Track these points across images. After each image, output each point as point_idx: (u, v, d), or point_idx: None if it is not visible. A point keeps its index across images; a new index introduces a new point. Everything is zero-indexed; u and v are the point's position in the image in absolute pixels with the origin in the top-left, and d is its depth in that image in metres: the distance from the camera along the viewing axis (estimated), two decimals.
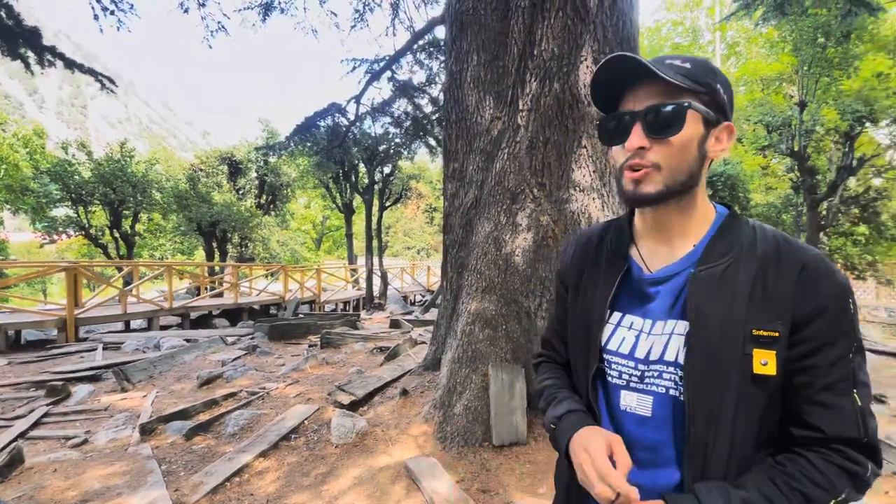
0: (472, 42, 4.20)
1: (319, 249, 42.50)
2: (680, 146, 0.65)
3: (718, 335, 0.64)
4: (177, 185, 12.69)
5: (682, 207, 0.71)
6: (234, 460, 3.01)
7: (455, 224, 4.27)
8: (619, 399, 0.74)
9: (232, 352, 6.00)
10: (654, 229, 0.75)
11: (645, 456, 0.72)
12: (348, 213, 14.68)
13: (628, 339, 0.74)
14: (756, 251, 0.67)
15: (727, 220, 0.72)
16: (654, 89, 0.66)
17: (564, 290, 0.89)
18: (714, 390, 0.64)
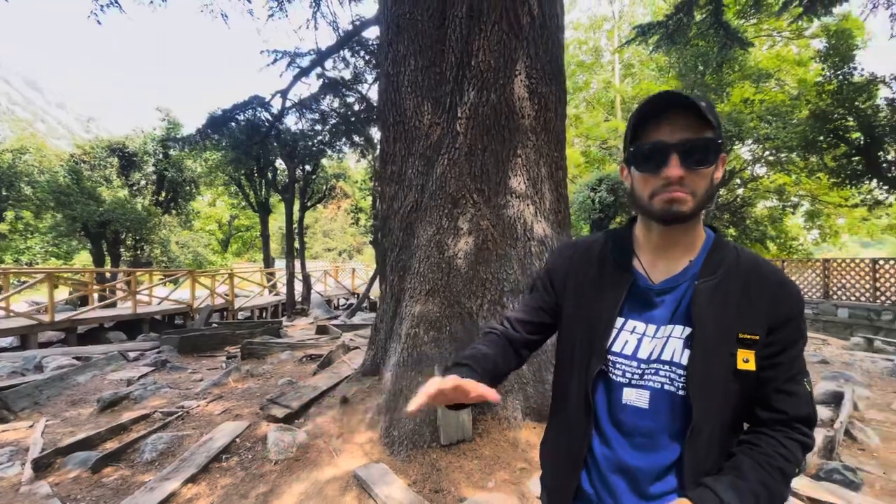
0: (409, 46, 4.21)
1: (227, 252, 39.37)
2: (708, 175, 0.77)
3: (714, 338, 0.77)
4: (55, 179, 10.79)
5: (690, 227, 0.82)
6: (157, 490, 2.72)
7: (395, 227, 4.25)
8: (622, 394, 0.84)
9: (137, 369, 5.36)
10: (659, 245, 0.85)
11: (643, 441, 0.83)
12: (264, 212, 13.76)
13: (631, 341, 0.84)
14: (741, 268, 0.81)
15: (716, 240, 0.85)
16: (685, 123, 0.75)
17: (551, 286, 0.97)
18: (709, 385, 0.77)
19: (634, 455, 0.82)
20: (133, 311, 8.90)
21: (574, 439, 0.89)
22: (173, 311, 9.94)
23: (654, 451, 0.82)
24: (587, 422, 0.87)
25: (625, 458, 0.83)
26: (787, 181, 12.62)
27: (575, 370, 0.90)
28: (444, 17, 4.12)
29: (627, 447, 0.83)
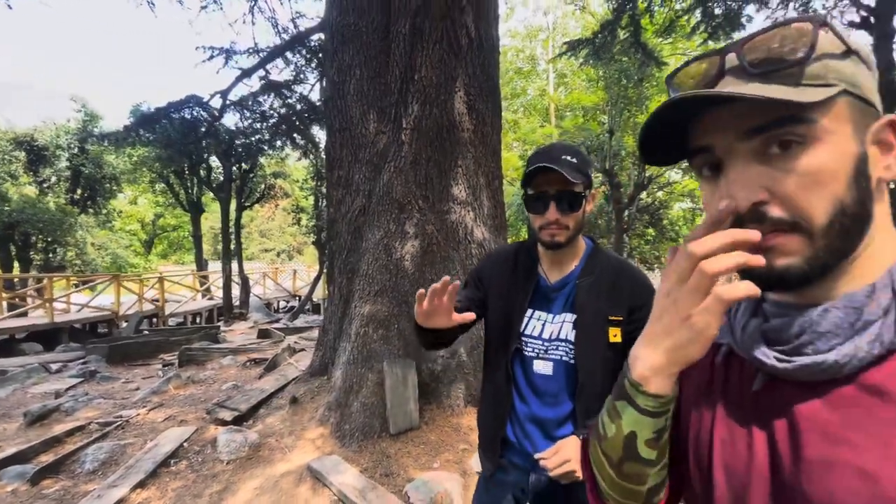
0: (355, 57, 4.39)
1: (150, 253, 36.52)
2: (578, 215, 1.09)
3: (591, 321, 1.09)
4: None
5: (572, 246, 1.14)
6: (104, 497, 2.72)
7: (342, 230, 4.41)
8: (533, 366, 1.16)
9: (62, 381, 5.06)
10: (552, 257, 1.17)
11: (549, 399, 1.15)
12: (195, 212, 13.03)
13: (537, 326, 1.16)
14: (610, 269, 1.14)
15: (593, 249, 1.19)
16: (560, 178, 1.05)
17: (480, 282, 1.27)
18: (590, 354, 1.09)
19: (544, 409, 1.15)
20: (50, 320, 8.16)
21: (499, 400, 1.20)
22: (96, 319, 9.20)
23: (557, 406, 1.14)
24: (508, 386, 1.18)
25: (537, 412, 1.15)
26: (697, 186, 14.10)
27: (499, 349, 1.21)
28: (388, 31, 4.35)
29: (539, 404, 1.15)
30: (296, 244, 31.40)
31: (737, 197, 0.40)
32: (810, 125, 0.38)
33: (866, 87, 0.40)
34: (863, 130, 0.40)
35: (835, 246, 0.39)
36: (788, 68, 0.38)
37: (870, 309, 0.38)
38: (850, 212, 0.38)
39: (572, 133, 14.54)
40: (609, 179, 12.80)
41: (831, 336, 0.39)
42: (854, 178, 0.38)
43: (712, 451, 0.47)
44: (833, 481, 0.36)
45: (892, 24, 6.44)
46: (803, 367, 0.39)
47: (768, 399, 0.43)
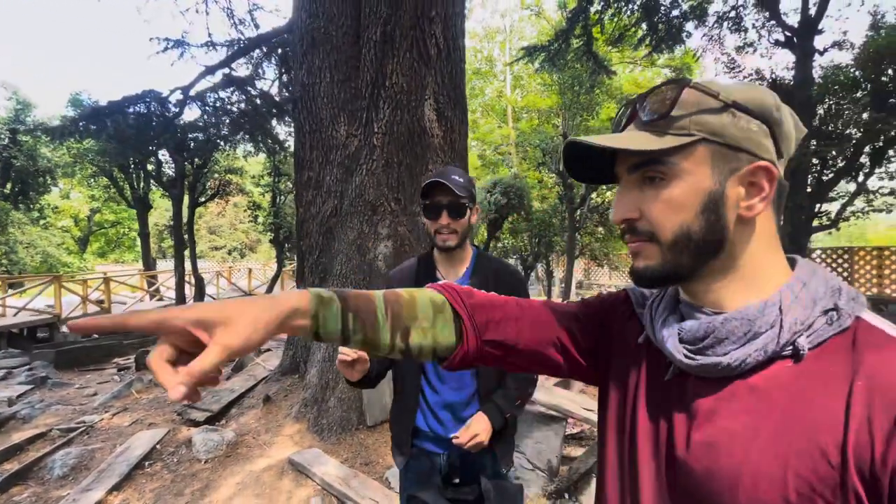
0: (325, 60, 4.46)
1: (86, 252, 33.92)
2: (464, 222, 1.34)
3: None
4: None
5: (461, 249, 1.38)
6: (80, 501, 2.71)
7: (313, 231, 4.48)
8: None
9: (10, 388, 4.80)
10: (446, 261, 1.41)
11: (455, 384, 1.37)
12: (142, 208, 12.35)
13: None
14: (492, 267, 1.41)
15: (479, 253, 1.45)
16: (449, 190, 1.29)
17: None
18: None
19: (452, 394, 1.37)
20: None
21: (409, 394, 1.41)
22: (36, 323, 8.55)
23: (462, 390, 1.37)
24: (417, 379, 1.39)
25: (447, 397, 1.37)
26: None
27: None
28: (358, 37, 4.45)
29: (448, 390, 1.37)
30: (248, 241, 30.28)
31: (617, 212, 0.53)
32: (669, 166, 0.47)
33: (735, 136, 0.46)
34: (724, 172, 0.47)
35: (679, 260, 0.49)
36: (658, 121, 0.48)
37: (760, 322, 0.46)
38: (695, 236, 0.48)
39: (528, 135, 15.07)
40: (563, 181, 13.43)
41: (728, 342, 0.47)
42: (703, 210, 0.47)
43: (636, 422, 0.55)
44: (713, 460, 0.45)
45: (813, 44, 7.26)
46: (705, 366, 0.48)
47: (677, 388, 0.51)
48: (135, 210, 13.05)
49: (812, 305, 0.45)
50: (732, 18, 9.10)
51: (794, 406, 0.42)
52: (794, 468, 0.40)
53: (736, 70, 8.88)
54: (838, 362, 0.43)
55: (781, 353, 0.45)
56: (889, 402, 0.38)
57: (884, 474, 0.37)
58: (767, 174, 0.47)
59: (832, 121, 6.78)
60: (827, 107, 6.89)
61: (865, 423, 0.39)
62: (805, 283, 0.47)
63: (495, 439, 1.28)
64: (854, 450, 0.38)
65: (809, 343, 0.44)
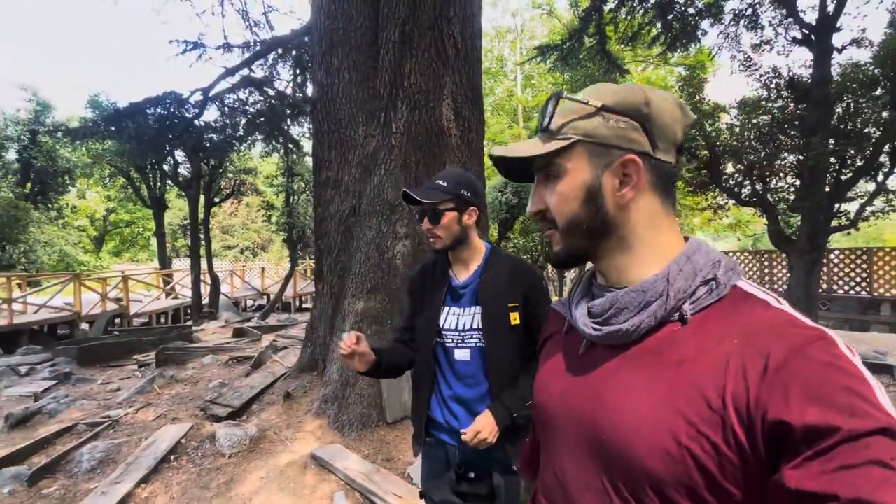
0: (343, 61, 4.51)
1: (101, 251, 34.46)
2: (445, 226, 1.33)
3: (494, 309, 1.33)
4: None
5: (465, 248, 1.39)
6: (109, 493, 2.77)
7: (331, 230, 4.53)
8: (454, 354, 1.39)
9: (35, 383, 4.91)
10: (457, 259, 1.42)
11: (469, 381, 1.38)
12: (158, 208, 12.54)
13: (452, 319, 1.39)
14: (505, 266, 1.39)
15: (491, 251, 1.44)
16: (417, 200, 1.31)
17: (412, 295, 1.53)
18: (496, 338, 1.33)
19: (466, 390, 1.38)
20: (9, 322, 7.73)
21: (423, 386, 1.43)
22: (57, 321, 8.75)
23: (476, 386, 1.37)
24: (431, 373, 1.41)
25: (460, 392, 1.38)
26: None
27: (423, 342, 1.44)
28: (376, 37, 4.49)
29: (461, 386, 1.38)
30: (260, 241, 30.54)
31: (530, 206, 0.61)
32: (556, 166, 0.56)
33: (606, 135, 0.54)
34: (600, 167, 0.55)
35: (575, 243, 0.58)
36: (545, 129, 0.57)
37: (651, 293, 0.52)
38: (582, 223, 0.56)
39: None
40: None
41: (626, 311, 0.53)
42: (585, 200, 0.56)
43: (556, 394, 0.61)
44: (617, 415, 0.51)
45: (831, 41, 7.15)
46: (609, 334, 0.54)
47: (588, 358, 0.58)
48: (150, 210, 13.25)
49: (693, 276, 0.51)
50: (749, 16, 8.98)
51: (682, 362, 0.48)
52: (684, 414, 0.45)
53: (752, 68, 8.77)
54: (719, 324, 0.49)
55: (670, 318, 0.51)
56: (759, 351, 0.43)
57: (757, 413, 0.41)
58: (634, 165, 0.54)
59: (851, 119, 6.69)
60: (845, 105, 6.79)
61: (741, 370, 0.43)
62: (689, 257, 0.53)
63: (507, 436, 1.27)
64: (732, 394, 0.43)
65: (692, 309, 0.51)
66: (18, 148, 12.15)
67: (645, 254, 0.56)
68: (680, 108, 0.56)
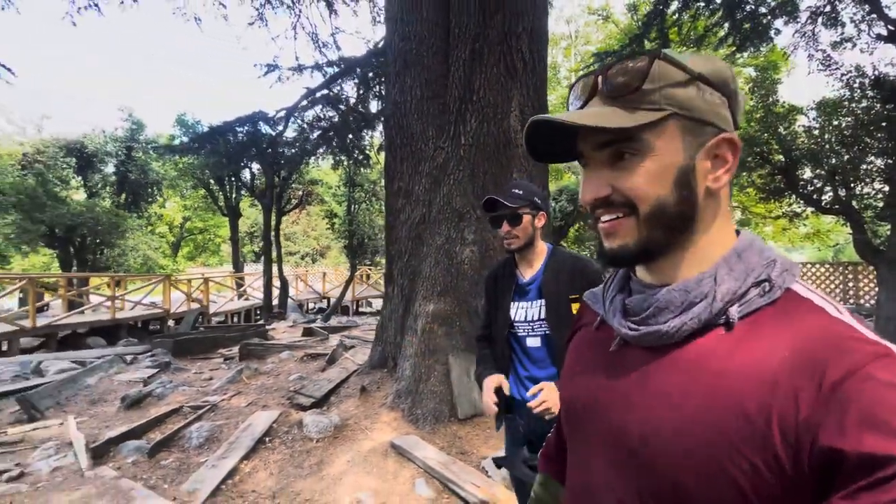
0: (416, 79, 4.81)
1: (177, 255, 37.56)
2: (523, 228, 1.54)
3: (557, 301, 1.50)
4: (22, 181, 10.27)
5: (532, 250, 1.59)
6: (218, 466, 3.15)
7: (402, 236, 4.82)
8: (527, 341, 1.59)
9: (141, 371, 5.57)
10: (523, 259, 1.62)
11: (541, 363, 1.57)
12: (234, 216, 13.69)
13: (521, 312, 1.59)
14: (567, 262, 1.57)
15: (552, 251, 1.63)
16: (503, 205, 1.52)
17: (488, 296, 1.76)
18: (560, 327, 1.49)
19: (538, 371, 1.58)
20: (112, 317, 8.80)
21: (502, 367, 1.63)
22: (149, 317, 9.83)
23: (546, 368, 1.56)
24: (507, 358, 1.63)
25: (534, 373, 1.58)
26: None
27: (500, 333, 1.66)
28: (446, 56, 4.76)
29: (535, 367, 1.58)
30: (318, 248, 32.11)
31: (587, 192, 0.51)
32: (640, 142, 0.47)
33: (702, 109, 0.47)
34: (693, 146, 0.48)
35: (654, 235, 0.49)
36: (628, 95, 0.47)
37: (695, 293, 0.48)
38: (670, 210, 0.48)
39: None
40: None
41: (667, 312, 0.49)
42: (676, 184, 0.48)
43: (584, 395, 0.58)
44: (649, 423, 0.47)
45: None
46: (646, 335, 0.50)
47: (620, 359, 0.54)
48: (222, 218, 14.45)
49: (744, 277, 0.47)
50: (827, 13, 8.48)
51: (724, 372, 0.43)
52: (722, 430, 0.41)
53: (832, 67, 8.26)
54: (768, 331, 0.44)
55: (715, 322, 0.47)
56: (812, 367, 0.39)
57: (806, 437, 0.38)
58: (731, 146, 0.49)
59: None
60: None
61: (790, 387, 0.39)
62: (740, 255, 0.49)
63: None
64: (778, 414, 0.39)
65: (740, 312, 0.46)
66: (116, 162, 13.70)
67: (704, 248, 0.50)
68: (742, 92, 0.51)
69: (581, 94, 0.53)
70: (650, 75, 0.47)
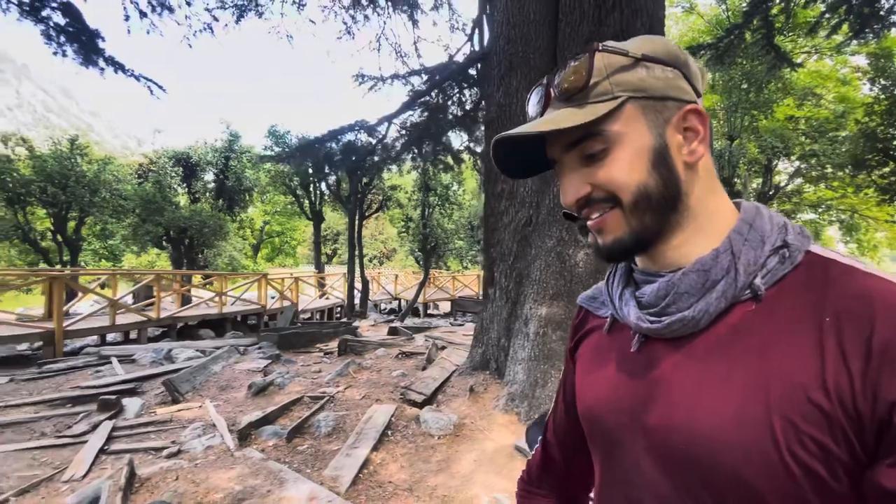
0: (522, 81, 4.82)
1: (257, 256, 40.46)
2: None
3: None
4: (144, 188, 11.77)
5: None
6: (352, 455, 3.30)
7: (506, 238, 4.83)
8: None
9: (255, 362, 6.01)
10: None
11: None
12: (318, 220, 14.51)
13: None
14: None
15: None
16: None
17: None
18: None
19: None
20: (219, 311, 9.67)
21: None
22: (248, 312, 10.69)
23: None
24: None
25: None
26: (831, 196, 12.86)
27: None
28: (555, 57, 4.72)
29: None
30: (385, 251, 33.20)
31: (568, 194, 0.50)
32: (605, 134, 0.46)
33: (656, 86, 0.46)
34: (659, 124, 0.47)
35: (644, 222, 0.47)
36: (578, 93, 0.47)
37: (715, 270, 0.45)
38: (654, 194, 0.46)
39: None
40: (728, 189, 12.17)
41: (689, 296, 0.46)
42: (653, 166, 0.46)
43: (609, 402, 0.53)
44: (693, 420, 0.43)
45: None
46: (670, 325, 0.47)
47: (645, 357, 0.50)
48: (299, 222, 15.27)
49: (761, 245, 0.45)
50: None
51: (766, 348, 0.41)
52: (779, 411, 0.38)
53: None
54: (799, 297, 0.42)
55: (741, 297, 0.44)
56: (859, 329, 0.37)
57: (865, 405, 0.36)
58: (698, 116, 0.47)
59: None
60: None
61: (839, 355, 0.37)
62: (751, 224, 0.46)
63: None
64: (834, 384, 0.37)
65: (765, 282, 0.44)
66: (216, 171, 15.04)
67: (705, 225, 0.48)
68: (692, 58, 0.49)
69: (537, 105, 0.52)
70: (594, 69, 0.46)
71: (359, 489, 2.96)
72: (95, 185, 11.64)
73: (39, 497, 2.87)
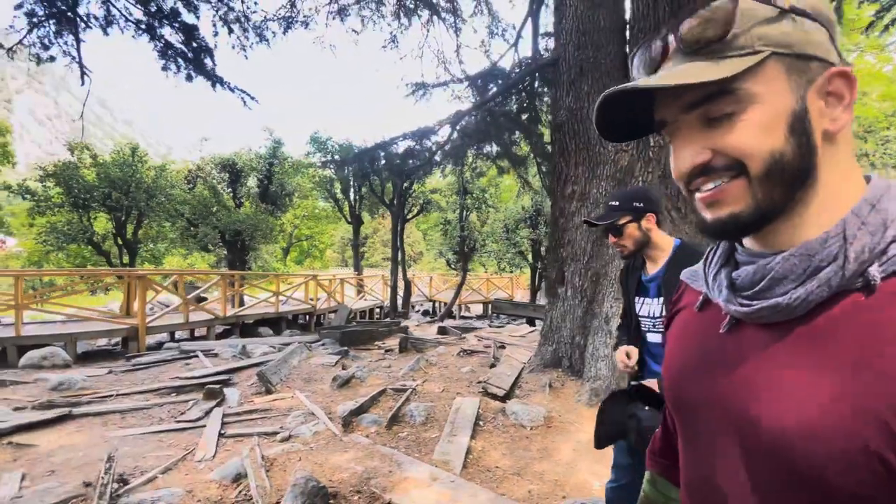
0: (593, 86, 4.97)
1: (287, 259, 41.40)
2: (628, 235, 1.61)
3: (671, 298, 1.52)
4: (201, 193, 12.41)
5: (652, 248, 1.64)
6: (454, 443, 3.50)
7: (578, 239, 4.97)
8: (648, 337, 1.67)
9: (325, 357, 6.30)
10: (647, 258, 1.68)
11: (659, 359, 1.58)
12: (357, 223, 14.91)
13: (643, 307, 1.67)
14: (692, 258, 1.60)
15: (681, 245, 1.64)
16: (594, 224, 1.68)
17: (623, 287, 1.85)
18: None
19: (655, 367, 1.64)
20: (276, 310, 10.11)
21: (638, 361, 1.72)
22: (300, 311, 11.11)
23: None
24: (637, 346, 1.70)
25: (655, 369, 1.63)
26: None
27: (629, 324, 1.76)
28: (625, 61, 4.86)
29: (656, 364, 1.65)
30: (413, 254, 33.62)
31: (683, 161, 0.45)
32: (738, 93, 0.41)
33: (803, 43, 0.40)
34: (802, 86, 0.41)
35: (773, 196, 0.42)
36: (713, 44, 0.41)
37: (820, 256, 0.41)
38: (788, 164, 0.41)
39: None
40: None
41: (787, 281, 0.42)
42: (790, 132, 0.41)
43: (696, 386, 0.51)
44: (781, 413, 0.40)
45: None
46: (761, 310, 0.44)
47: (734, 341, 0.47)
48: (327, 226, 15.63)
49: (883, 230, 0.40)
50: None
51: (865, 348, 0.37)
52: (878, 415, 0.35)
53: None
54: None
55: (850, 287, 0.40)
56: None
57: None
58: (846, 80, 0.41)
59: None
60: None
61: None
62: (874, 205, 0.41)
63: None
64: None
65: (882, 272, 0.38)
66: (260, 176, 15.61)
67: (829, 203, 0.43)
68: None
69: (651, 61, 0.46)
70: (736, 18, 0.40)
71: (470, 472, 3.15)
72: (153, 190, 12.25)
73: (182, 474, 3.16)
